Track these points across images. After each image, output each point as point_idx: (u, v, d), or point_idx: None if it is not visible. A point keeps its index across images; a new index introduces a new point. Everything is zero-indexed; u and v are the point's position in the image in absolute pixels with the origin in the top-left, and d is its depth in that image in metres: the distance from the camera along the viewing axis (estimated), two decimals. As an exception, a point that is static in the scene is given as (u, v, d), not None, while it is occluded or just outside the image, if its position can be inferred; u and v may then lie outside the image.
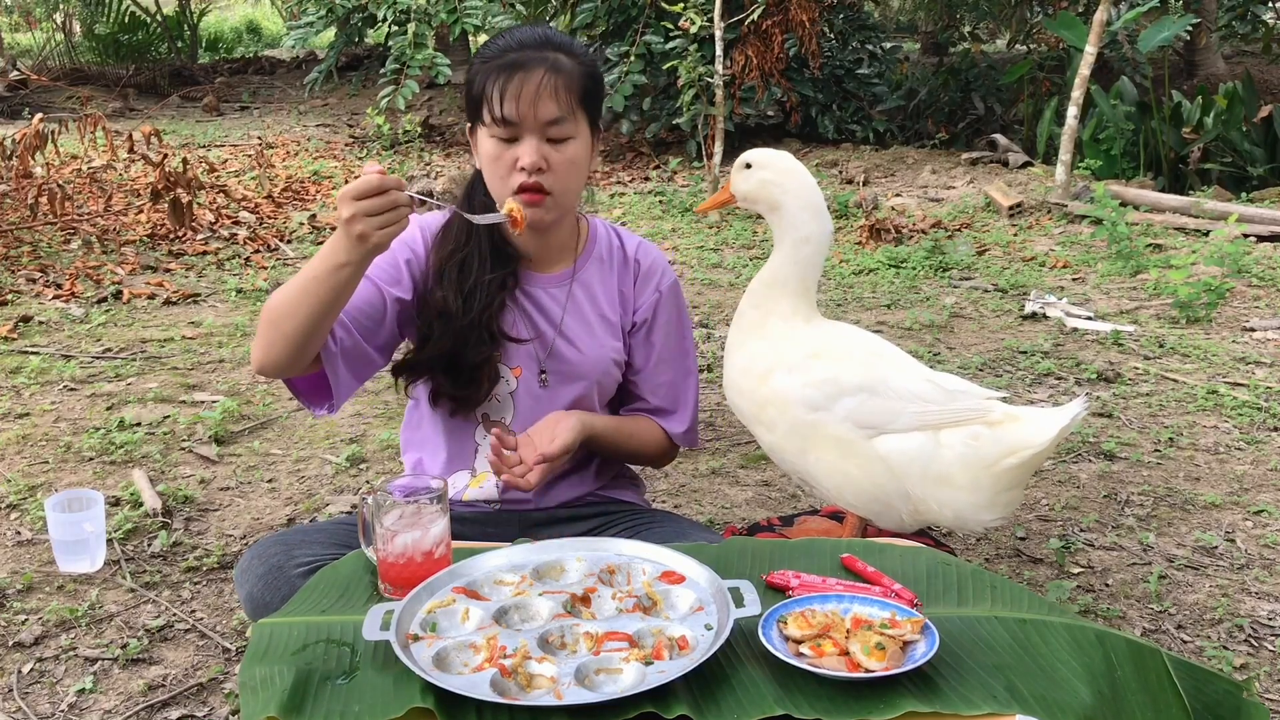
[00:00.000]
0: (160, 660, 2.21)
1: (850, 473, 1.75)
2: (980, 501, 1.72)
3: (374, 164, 1.45)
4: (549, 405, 1.80)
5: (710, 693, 1.18)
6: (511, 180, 1.67)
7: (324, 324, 1.54)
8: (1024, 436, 1.68)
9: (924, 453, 1.71)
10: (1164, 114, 7.17)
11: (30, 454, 3.19)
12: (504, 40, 1.70)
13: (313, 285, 1.49)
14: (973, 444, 1.70)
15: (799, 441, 1.77)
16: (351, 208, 1.41)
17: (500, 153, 1.67)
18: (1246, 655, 2.22)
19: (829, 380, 1.75)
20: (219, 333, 4.35)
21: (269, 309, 1.55)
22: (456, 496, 1.83)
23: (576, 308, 1.82)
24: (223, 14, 20.07)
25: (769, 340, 1.82)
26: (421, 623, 1.29)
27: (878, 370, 1.76)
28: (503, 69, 1.65)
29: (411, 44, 7.27)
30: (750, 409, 1.84)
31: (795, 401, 1.76)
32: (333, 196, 7.13)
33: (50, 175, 6.64)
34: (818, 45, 8.10)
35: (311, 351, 1.58)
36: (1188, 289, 4.39)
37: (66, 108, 10.52)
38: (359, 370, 1.69)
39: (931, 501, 1.73)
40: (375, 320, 1.69)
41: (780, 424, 1.79)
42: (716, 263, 5.55)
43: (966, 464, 1.70)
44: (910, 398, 1.73)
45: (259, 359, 1.59)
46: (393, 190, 1.42)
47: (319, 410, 1.70)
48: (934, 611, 1.33)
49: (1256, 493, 2.92)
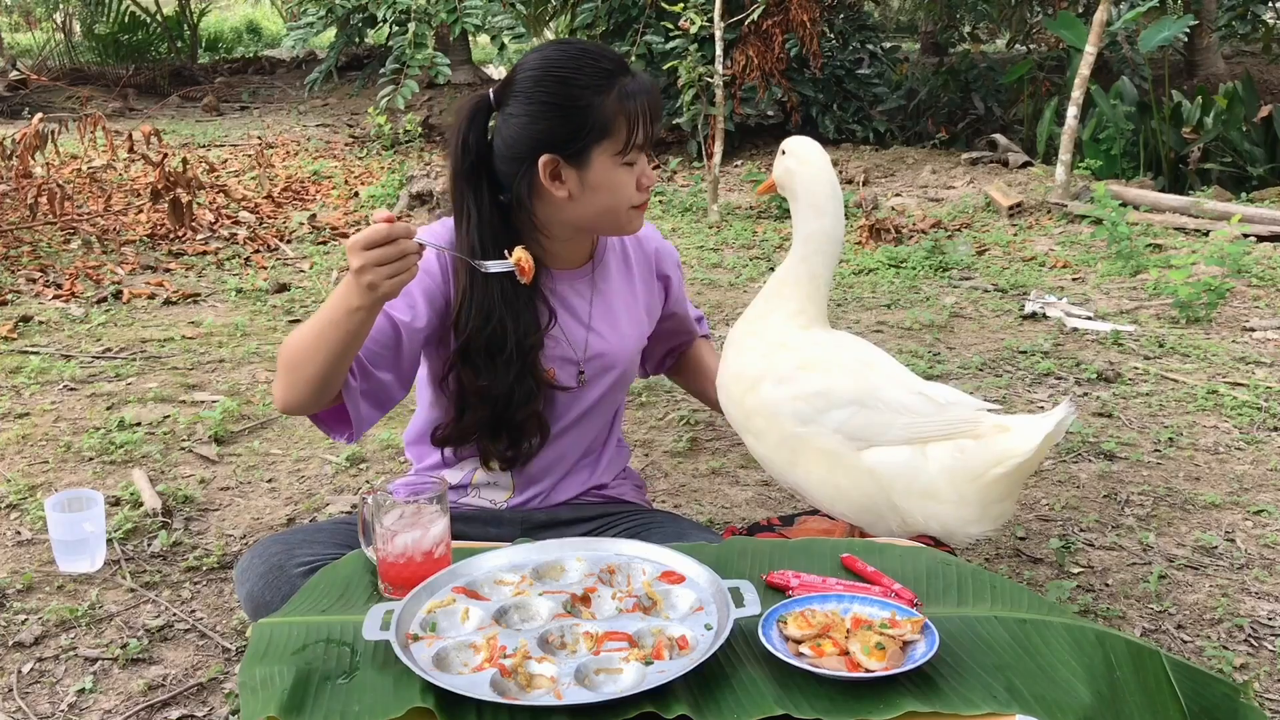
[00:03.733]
0: (160, 660, 2.21)
1: (840, 485, 1.72)
2: (968, 515, 1.69)
3: (382, 211, 1.45)
4: (585, 399, 1.81)
5: (710, 693, 1.18)
6: (636, 200, 1.69)
7: (342, 365, 1.55)
8: (1009, 446, 1.64)
9: (910, 466, 1.68)
10: (1164, 114, 7.17)
11: (30, 454, 3.19)
12: (599, 61, 1.65)
13: (329, 330, 1.50)
14: (959, 457, 1.67)
15: (788, 454, 1.74)
16: (361, 258, 1.41)
17: (627, 177, 1.67)
18: (1246, 655, 2.22)
19: (819, 394, 1.71)
20: (219, 333, 4.35)
21: (286, 353, 1.57)
22: (465, 480, 1.83)
23: (601, 300, 1.82)
24: (223, 14, 20.07)
25: (763, 343, 1.78)
26: (421, 623, 1.29)
27: (869, 382, 1.72)
28: (626, 94, 1.63)
29: (411, 44, 7.27)
30: (738, 416, 1.81)
31: (785, 414, 1.72)
32: (333, 196, 7.14)
33: (50, 175, 6.64)
34: (818, 45, 8.10)
35: (332, 391, 1.59)
36: (1188, 289, 4.39)
37: (66, 108, 10.52)
38: (380, 402, 1.68)
39: (918, 514, 1.70)
40: (392, 350, 1.67)
41: (769, 435, 1.75)
42: (716, 263, 5.55)
43: (952, 477, 1.67)
44: (901, 410, 1.69)
45: (282, 400, 1.60)
46: (401, 239, 1.42)
47: (339, 437, 1.70)
48: (934, 611, 1.33)
49: (1256, 493, 2.92)
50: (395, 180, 7.20)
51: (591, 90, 1.62)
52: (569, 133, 1.63)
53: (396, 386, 1.70)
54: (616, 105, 1.62)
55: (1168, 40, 7.46)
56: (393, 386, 1.69)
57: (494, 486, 1.84)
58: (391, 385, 1.68)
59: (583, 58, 1.64)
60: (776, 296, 1.81)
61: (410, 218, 6.61)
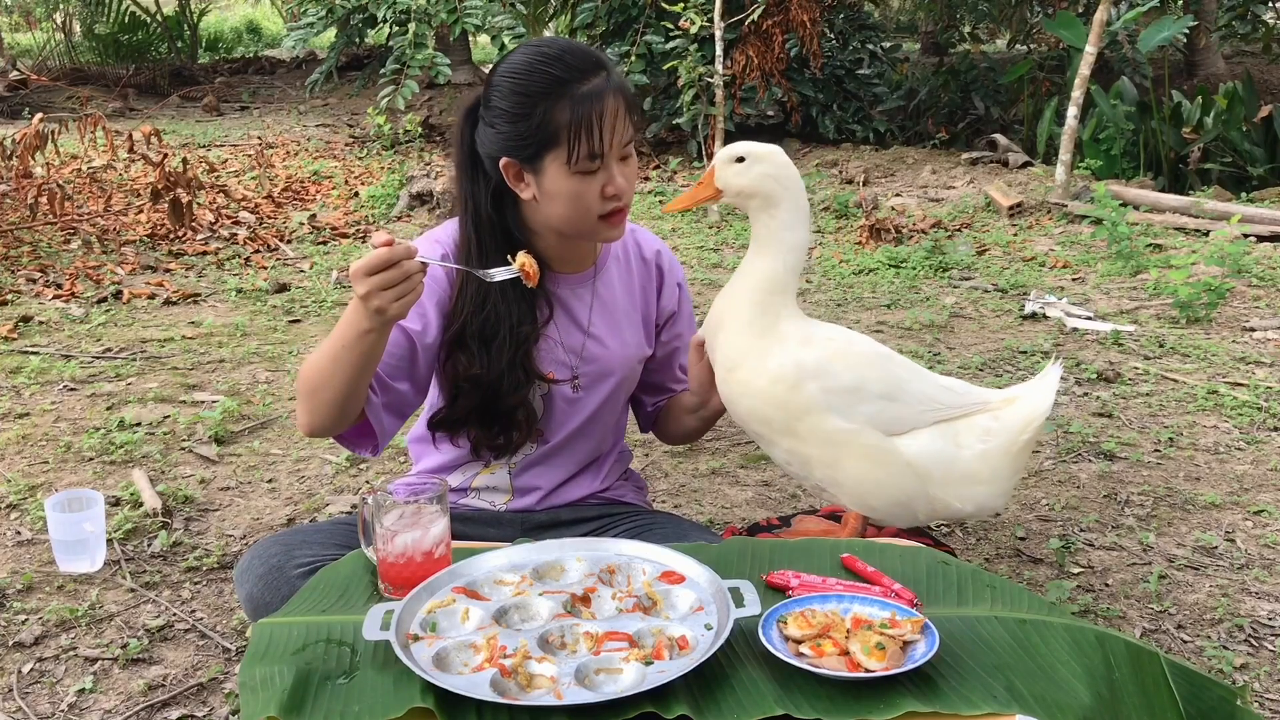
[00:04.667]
0: (160, 660, 2.21)
1: (880, 479, 1.73)
2: (1000, 490, 1.77)
3: (382, 234, 1.43)
4: (582, 405, 1.80)
5: (710, 693, 1.18)
6: (602, 209, 1.64)
7: (361, 384, 1.56)
8: (1029, 410, 1.74)
9: (945, 456, 1.73)
10: (1164, 114, 7.17)
11: (30, 454, 3.19)
12: (551, 67, 1.60)
13: (343, 353, 1.51)
14: (987, 437, 1.74)
15: (832, 451, 1.73)
16: (366, 284, 1.41)
17: (587, 185, 1.62)
18: (1246, 655, 2.22)
19: (853, 388, 1.72)
20: (219, 333, 4.35)
21: (305, 380, 1.58)
22: (465, 484, 1.83)
23: (602, 306, 1.82)
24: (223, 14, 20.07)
25: (785, 345, 1.75)
26: (421, 623, 1.29)
27: (894, 373, 1.76)
28: (576, 102, 1.58)
29: (412, 44, 7.27)
30: (781, 419, 1.75)
31: (825, 408, 1.72)
32: (333, 196, 7.13)
33: (50, 175, 6.65)
34: (818, 45, 8.10)
35: (354, 410, 1.60)
36: (1188, 289, 4.39)
37: (66, 108, 10.52)
38: (400, 412, 1.70)
39: (954, 500, 1.75)
40: (408, 362, 1.68)
41: (815, 434, 1.73)
42: (716, 263, 5.55)
43: (986, 458, 1.74)
44: (924, 399, 1.74)
45: (306, 425, 1.61)
46: (403, 261, 1.41)
47: (364, 452, 1.71)
48: (934, 611, 1.33)
49: (1256, 493, 2.92)
50: (395, 180, 7.20)
51: (540, 98, 1.59)
52: (519, 139, 1.62)
53: (414, 394, 1.71)
54: (565, 114, 1.58)
55: (1168, 40, 7.46)
56: (410, 395, 1.70)
57: (494, 490, 1.84)
58: (409, 394, 1.70)
59: (540, 63, 1.61)
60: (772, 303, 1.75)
61: (410, 218, 6.61)
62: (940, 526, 2.78)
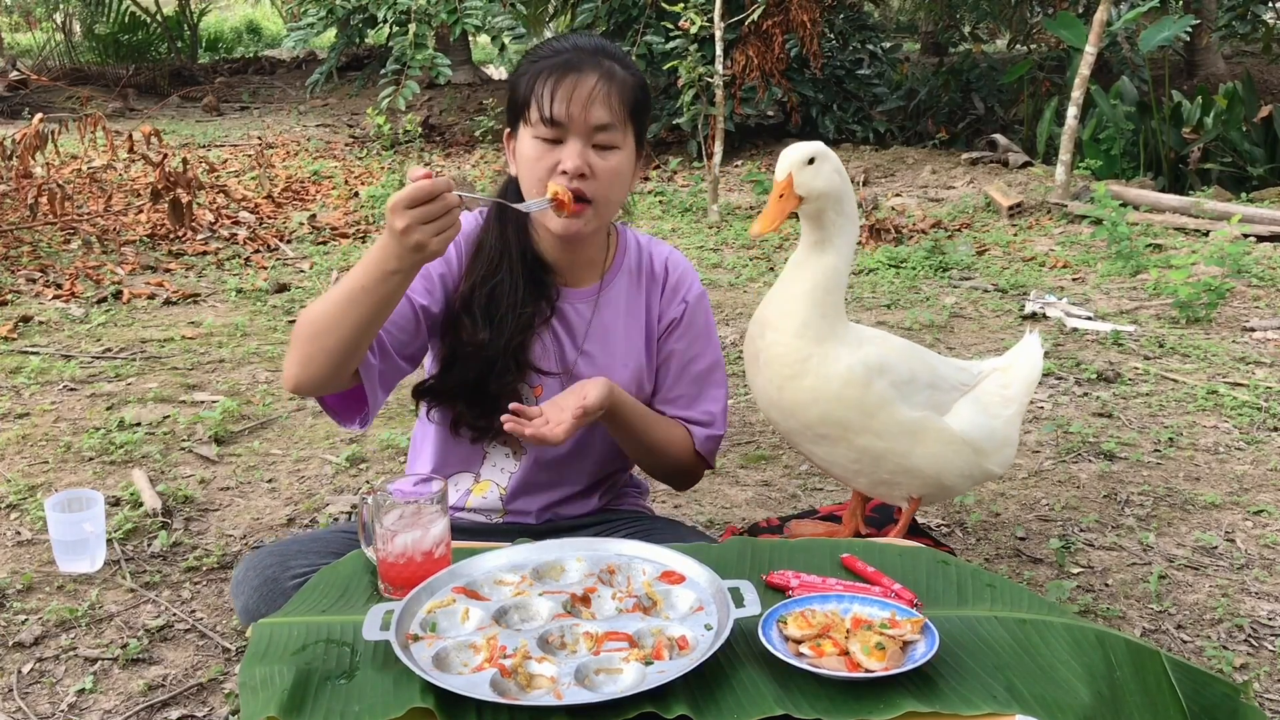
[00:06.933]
0: (160, 660, 2.21)
1: (950, 458, 1.85)
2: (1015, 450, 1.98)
3: (419, 168, 1.40)
4: None
5: (710, 693, 1.18)
6: (543, 177, 1.63)
7: (368, 335, 1.50)
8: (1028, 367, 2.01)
9: (986, 426, 1.89)
10: (1164, 114, 7.17)
11: (30, 454, 3.19)
12: (557, 43, 1.67)
13: (360, 295, 1.44)
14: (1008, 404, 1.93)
15: (906, 441, 1.80)
16: (406, 217, 1.36)
17: (542, 154, 1.62)
18: (1246, 655, 2.22)
19: (910, 379, 1.82)
20: (219, 333, 4.35)
21: (307, 323, 1.51)
22: (459, 503, 1.82)
23: (601, 324, 1.79)
24: (223, 14, 20.07)
25: (847, 348, 1.77)
26: (421, 623, 1.29)
27: (928, 361, 1.88)
28: (554, 69, 1.62)
29: (412, 44, 7.27)
30: (858, 419, 1.77)
31: (896, 401, 1.79)
32: (333, 196, 7.13)
33: (50, 175, 6.65)
34: (818, 45, 8.10)
35: (352, 365, 1.53)
36: (1188, 289, 4.39)
37: (66, 108, 10.51)
38: (390, 382, 1.67)
39: (993, 465, 1.91)
40: (409, 333, 1.66)
41: (890, 427, 1.78)
42: (717, 263, 5.55)
43: (1012, 423, 1.93)
44: (953, 381, 1.89)
45: (295, 376, 1.53)
46: (444, 194, 1.37)
47: (352, 425, 1.66)
48: (934, 611, 1.33)
49: (1256, 493, 2.92)
50: (395, 180, 7.20)
51: (526, 71, 1.67)
52: (510, 109, 1.71)
53: (406, 365, 1.70)
54: (531, 83, 1.64)
55: (1168, 40, 7.46)
56: (403, 365, 1.68)
57: (487, 511, 1.82)
58: (403, 364, 1.68)
59: (551, 43, 1.70)
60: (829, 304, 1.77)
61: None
62: (940, 526, 2.78)
